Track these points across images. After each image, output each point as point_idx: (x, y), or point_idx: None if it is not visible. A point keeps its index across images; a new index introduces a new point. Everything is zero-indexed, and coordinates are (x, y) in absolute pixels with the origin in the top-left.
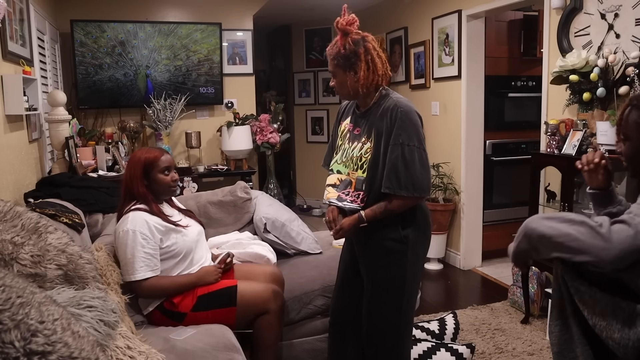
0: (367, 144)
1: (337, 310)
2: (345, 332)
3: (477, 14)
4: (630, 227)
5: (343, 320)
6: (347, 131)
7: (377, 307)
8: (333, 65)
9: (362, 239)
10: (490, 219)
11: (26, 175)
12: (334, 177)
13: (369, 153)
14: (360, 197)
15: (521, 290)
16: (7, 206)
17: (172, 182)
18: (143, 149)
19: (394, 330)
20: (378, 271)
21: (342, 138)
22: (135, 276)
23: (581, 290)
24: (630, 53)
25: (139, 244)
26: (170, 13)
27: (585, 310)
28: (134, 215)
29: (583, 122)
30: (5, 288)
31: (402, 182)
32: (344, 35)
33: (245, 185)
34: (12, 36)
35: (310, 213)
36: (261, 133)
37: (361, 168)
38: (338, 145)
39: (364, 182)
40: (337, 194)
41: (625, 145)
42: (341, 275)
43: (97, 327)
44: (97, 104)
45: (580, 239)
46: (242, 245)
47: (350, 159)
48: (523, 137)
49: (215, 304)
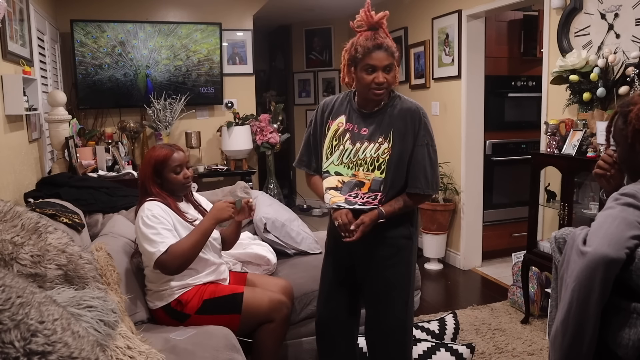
0: (385, 144)
1: (327, 320)
2: (335, 342)
3: (477, 14)
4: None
5: (334, 330)
6: (344, 131)
7: (388, 306)
8: (392, 58)
9: (370, 239)
10: (490, 219)
11: (26, 175)
12: (334, 180)
13: (386, 154)
14: (378, 199)
15: (521, 290)
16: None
17: (184, 179)
18: (156, 146)
19: (403, 326)
20: (387, 270)
21: (338, 138)
22: (159, 250)
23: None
24: (630, 53)
25: (155, 223)
26: (170, 13)
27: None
28: (149, 204)
29: (583, 122)
30: (5, 288)
31: (430, 182)
32: (377, 30)
33: (245, 185)
34: (12, 36)
35: (310, 213)
36: (261, 133)
37: (379, 169)
38: (332, 146)
39: (382, 183)
40: (344, 197)
41: (617, 150)
42: (329, 284)
43: (97, 327)
44: (97, 104)
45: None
46: (242, 245)
47: (363, 160)
48: (523, 137)
49: (219, 310)
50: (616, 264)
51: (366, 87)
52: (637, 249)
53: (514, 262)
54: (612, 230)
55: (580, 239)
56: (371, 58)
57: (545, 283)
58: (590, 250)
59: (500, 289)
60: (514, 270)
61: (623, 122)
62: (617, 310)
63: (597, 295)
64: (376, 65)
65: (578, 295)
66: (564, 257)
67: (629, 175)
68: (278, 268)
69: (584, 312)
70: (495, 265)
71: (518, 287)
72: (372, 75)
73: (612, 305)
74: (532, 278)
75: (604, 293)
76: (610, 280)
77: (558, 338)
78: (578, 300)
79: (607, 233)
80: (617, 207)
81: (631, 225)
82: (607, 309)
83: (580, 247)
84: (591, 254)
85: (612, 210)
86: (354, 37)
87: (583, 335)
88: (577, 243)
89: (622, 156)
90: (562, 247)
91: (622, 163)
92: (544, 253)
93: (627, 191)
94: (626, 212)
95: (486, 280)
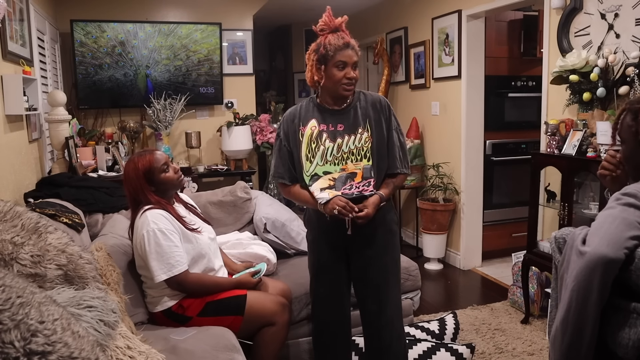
0: (365, 133)
1: (327, 323)
2: (336, 342)
3: (477, 14)
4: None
5: (334, 330)
6: (319, 132)
7: (388, 294)
8: (357, 57)
9: (368, 228)
10: (490, 219)
11: (26, 175)
12: (324, 180)
13: (368, 142)
14: (372, 184)
15: (521, 290)
16: (7, 206)
17: (175, 174)
18: (134, 158)
19: (399, 311)
20: (384, 256)
21: (315, 140)
22: (178, 269)
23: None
24: (630, 53)
25: (168, 240)
26: (170, 13)
27: None
28: (152, 214)
29: (583, 122)
30: (5, 288)
31: (405, 162)
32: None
33: (245, 185)
34: (12, 36)
35: None
36: (261, 133)
37: (365, 157)
38: (312, 149)
39: (371, 169)
40: (339, 192)
41: (622, 148)
42: (325, 283)
43: (97, 327)
44: (97, 104)
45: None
46: (242, 245)
47: (349, 152)
48: (523, 137)
49: (222, 312)
50: (615, 264)
51: (337, 82)
52: (637, 249)
53: (514, 262)
54: (612, 231)
55: (579, 239)
56: (342, 55)
57: (545, 283)
58: (589, 251)
59: (500, 289)
60: (514, 270)
61: (632, 119)
62: (617, 310)
63: (596, 295)
64: (347, 61)
65: (577, 295)
66: (564, 257)
67: (632, 173)
68: (278, 268)
69: (583, 312)
70: (495, 265)
71: (518, 287)
72: (343, 71)
73: (612, 305)
74: (532, 278)
75: (603, 293)
76: (609, 280)
77: (558, 338)
78: (577, 300)
79: (607, 233)
80: (618, 207)
81: (631, 226)
82: (606, 309)
83: (579, 247)
84: (590, 254)
85: (612, 210)
86: (319, 40)
87: (583, 335)
88: (576, 243)
89: (628, 153)
90: (562, 247)
91: (626, 161)
92: (544, 253)
93: (628, 191)
94: (627, 213)
95: (486, 280)
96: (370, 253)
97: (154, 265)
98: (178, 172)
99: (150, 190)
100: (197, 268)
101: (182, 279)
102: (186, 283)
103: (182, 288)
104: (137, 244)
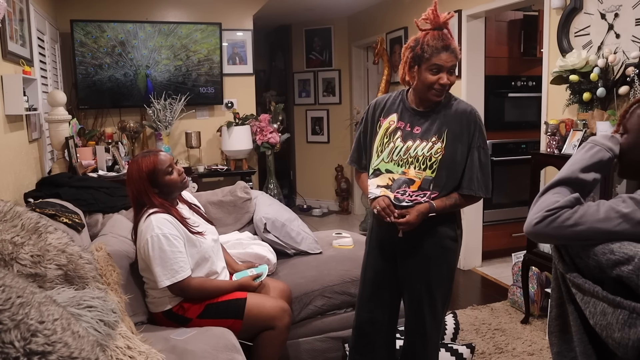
0: (438, 143)
1: (368, 322)
2: (375, 344)
3: (477, 14)
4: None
5: (374, 332)
6: (395, 129)
7: (429, 307)
8: (456, 60)
9: (417, 235)
10: (490, 219)
11: (26, 175)
12: (385, 178)
13: (439, 153)
14: (426, 196)
15: (521, 290)
16: (7, 206)
17: (179, 176)
18: (137, 159)
19: (439, 327)
20: (432, 270)
21: (388, 136)
22: (181, 274)
23: (583, 288)
24: (630, 53)
25: (173, 245)
26: (170, 13)
27: (587, 309)
28: (156, 219)
29: (583, 122)
30: (5, 288)
31: (482, 184)
32: (442, 30)
33: (245, 185)
34: (12, 36)
35: (310, 213)
36: (261, 133)
37: (430, 168)
38: (382, 143)
39: (431, 182)
40: (392, 194)
41: (624, 138)
42: (371, 284)
43: (97, 327)
44: (97, 104)
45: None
46: (242, 245)
47: (414, 158)
48: (523, 137)
49: (222, 314)
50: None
51: (428, 86)
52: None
53: (514, 262)
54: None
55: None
56: (439, 58)
57: (545, 283)
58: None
59: (500, 289)
60: (514, 270)
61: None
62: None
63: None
64: (442, 65)
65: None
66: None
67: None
68: (278, 268)
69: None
70: (495, 265)
71: (518, 287)
72: (436, 75)
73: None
74: (532, 278)
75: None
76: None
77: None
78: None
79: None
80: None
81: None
82: (606, 309)
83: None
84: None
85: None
86: (418, 36)
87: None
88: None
89: (626, 146)
90: (562, 247)
91: (626, 153)
92: (544, 253)
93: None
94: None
95: (486, 280)
96: (413, 263)
97: (157, 271)
98: (182, 174)
99: (153, 192)
100: (200, 272)
101: (185, 285)
102: (189, 289)
103: (184, 294)
104: (141, 248)
